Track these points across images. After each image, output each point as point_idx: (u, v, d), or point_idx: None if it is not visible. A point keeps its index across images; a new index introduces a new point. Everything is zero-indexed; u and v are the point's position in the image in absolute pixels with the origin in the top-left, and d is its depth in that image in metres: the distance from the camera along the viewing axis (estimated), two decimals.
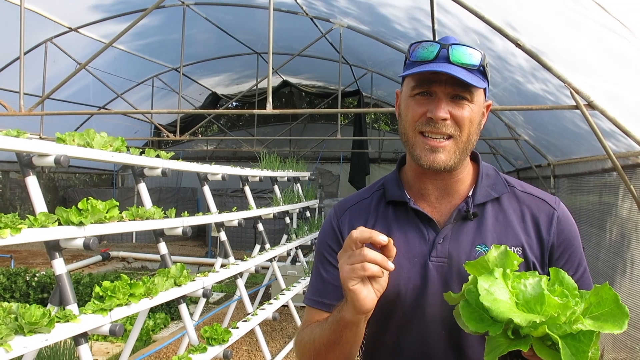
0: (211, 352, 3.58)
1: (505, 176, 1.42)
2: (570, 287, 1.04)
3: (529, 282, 1.04)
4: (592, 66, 4.02)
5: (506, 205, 1.35)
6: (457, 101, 1.26)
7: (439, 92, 1.26)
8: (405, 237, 1.35)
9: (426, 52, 1.27)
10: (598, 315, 0.99)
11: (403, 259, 1.31)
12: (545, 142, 6.85)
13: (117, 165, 14.00)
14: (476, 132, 1.31)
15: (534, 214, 1.34)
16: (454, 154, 1.28)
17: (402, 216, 1.38)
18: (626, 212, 4.29)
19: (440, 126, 1.26)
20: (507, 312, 0.97)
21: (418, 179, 1.39)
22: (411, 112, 1.30)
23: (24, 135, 2.65)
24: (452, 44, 1.27)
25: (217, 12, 8.00)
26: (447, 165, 1.28)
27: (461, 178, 1.37)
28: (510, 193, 1.37)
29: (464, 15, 4.15)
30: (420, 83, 1.28)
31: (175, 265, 3.51)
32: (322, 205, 10.62)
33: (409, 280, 1.31)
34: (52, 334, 2.40)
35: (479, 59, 1.27)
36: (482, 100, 1.32)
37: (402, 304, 1.31)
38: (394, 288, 1.29)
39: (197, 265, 9.39)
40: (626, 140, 3.92)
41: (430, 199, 1.38)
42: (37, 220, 2.55)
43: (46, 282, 6.73)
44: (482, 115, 1.33)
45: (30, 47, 7.55)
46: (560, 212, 1.35)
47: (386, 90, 12.39)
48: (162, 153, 3.79)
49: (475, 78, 1.26)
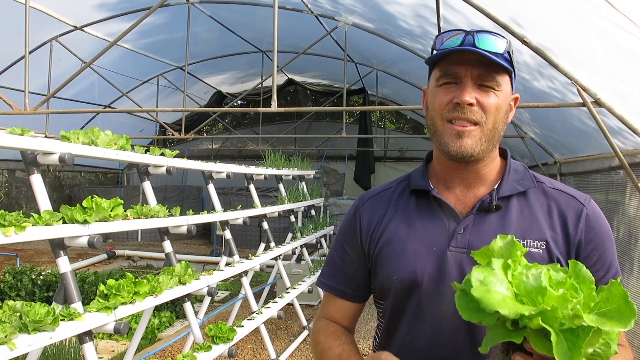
0: (216, 351, 3.58)
1: (534, 173, 1.41)
2: (587, 280, 1.01)
3: (531, 272, 1.02)
4: (599, 63, 3.99)
5: (533, 199, 1.34)
6: (484, 88, 1.26)
7: (465, 78, 1.26)
8: (425, 226, 1.35)
9: (451, 40, 1.28)
10: (605, 311, 0.96)
11: (421, 248, 1.32)
12: (551, 139, 6.82)
13: (122, 164, 14.03)
14: (503, 121, 1.30)
15: (562, 209, 1.32)
16: (480, 140, 1.27)
17: (424, 205, 1.38)
18: (633, 210, 4.26)
19: (467, 111, 1.25)
20: (495, 304, 0.95)
21: (444, 171, 1.39)
22: (438, 101, 1.30)
23: (29, 133, 2.64)
24: (477, 31, 1.27)
25: (221, 10, 7.99)
26: (474, 151, 1.27)
27: (488, 171, 1.36)
28: (537, 188, 1.36)
29: (469, 12, 4.12)
30: (446, 70, 1.29)
31: (180, 264, 3.51)
32: (327, 203, 10.63)
33: (425, 268, 1.30)
34: (57, 332, 2.40)
35: (505, 45, 1.27)
36: (508, 90, 1.31)
37: (418, 293, 1.31)
38: (410, 276, 1.30)
39: (202, 263, 9.40)
40: (634, 138, 3.89)
41: (455, 191, 1.37)
42: (41, 218, 2.54)
43: (52, 280, 6.75)
44: (508, 106, 1.33)
45: (35, 46, 7.58)
46: (590, 210, 1.32)
47: (391, 88, 12.36)
48: (166, 151, 3.78)
49: (501, 60, 1.26)
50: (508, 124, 1.34)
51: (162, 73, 10.72)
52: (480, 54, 1.23)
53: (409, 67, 9.14)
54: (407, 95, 12.19)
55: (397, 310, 1.36)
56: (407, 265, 1.27)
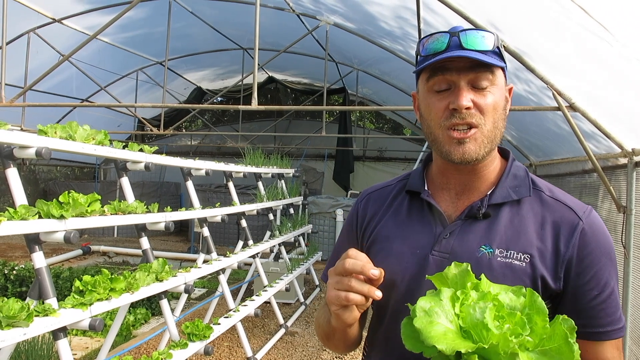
0: (192, 348, 3.58)
1: (535, 178, 1.34)
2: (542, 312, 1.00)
3: (478, 305, 1.00)
4: (575, 68, 4.07)
5: (526, 209, 1.28)
6: (478, 90, 1.22)
7: (459, 81, 1.22)
8: (413, 227, 1.34)
9: (437, 43, 1.24)
10: (546, 350, 0.96)
11: (405, 249, 1.31)
12: (527, 142, 6.93)
13: (99, 159, 13.87)
14: (502, 117, 1.26)
15: (556, 221, 1.25)
16: (482, 142, 1.23)
17: (416, 207, 1.37)
18: (606, 212, 4.36)
19: (465, 115, 1.21)
20: (434, 338, 0.95)
21: (441, 173, 1.36)
22: (434, 109, 1.25)
23: (5, 126, 2.61)
24: (462, 30, 1.23)
25: (203, 6, 7.96)
26: (478, 155, 1.23)
27: (485, 174, 1.32)
28: (533, 197, 1.30)
29: (449, 15, 4.18)
30: (435, 75, 1.24)
31: (157, 261, 3.49)
32: (306, 202, 10.64)
33: (407, 270, 1.29)
34: (31, 328, 2.38)
35: (493, 41, 1.23)
36: (503, 82, 1.27)
37: (397, 293, 1.30)
38: (391, 277, 1.29)
39: (179, 260, 9.34)
40: (606, 142, 3.98)
41: (451, 194, 1.35)
42: (17, 212, 2.52)
43: (25, 275, 6.65)
44: (505, 99, 1.28)
45: (12, 38, 7.45)
46: (588, 224, 1.24)
47: (371, 88, 12.43)
48: (145, 147, 3.76)
49: (493, 58, 1.22)
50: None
51: (142, 68, 10.63)
52: (471, 58, 1.19)
53: (389, 67, 9.21)
54: (387, 96, 12.27)
55: (380, 309, 1.36)
56: (390, 265, 1.26)
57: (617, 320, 1.23)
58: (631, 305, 3.79)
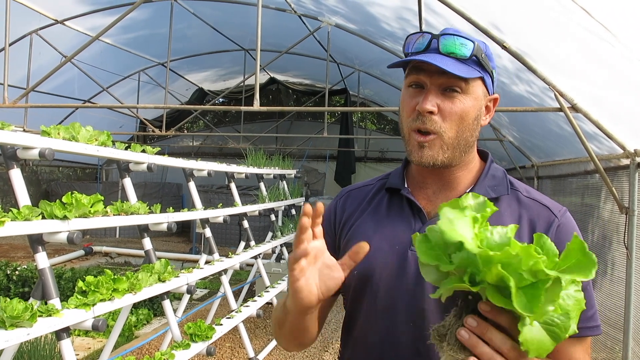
0: (194, 349, 3.58)
1: (512, 180, 1.37)
2: (551, 253, 0.96)
3: (496, 230, 0.97)
4: (576, 69, 4.07)
5: (503, 207, 1.30)
6: (448, 93, 1.23)
7: (429, 83, 1.24)
8: (392, 224, 1.34)
9: (418, 43, 1.27)
10: (565, 268, 0.93)
11: (384, 244, 1.31)
12: (529, 143, 6.93)
13: (101, 160, 13.89)
14: (471, 127, 1.27)
15: (532, 219, 1.28)
16: (442, 149, 1.25)
17: (396, 204, 1.38)
18: (608, 213, 4.36)
19: (427, 120, 1.23)
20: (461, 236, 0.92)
21: (418, 172, 1.38)
22: (406, 107, 1.29)
23: (9, 127, 2.63)
24: (443, 34, 1.25)
25: (205, 7, 7.97)
26: (435, 161, 1.26)
27: (461, 174, 1.34)
28: (511, 196, 1.33)
29: (451, 16, 4.18)
30: (411, 73, 1.27)
31: (160, 261, 3.50)
32: (307, 203, 10.63)
33: (385, 265, 1.29)
34: (34, 329, 2.38)
35: (471, 49, 1.23)
36: (479, 92, 1.27)
37: (375, 288, 1.30)
38: (368, 271, 1.29)
39: (181, 261, 9.35)
40: (608, 143, 3.98)
41: (428, 192, 1.36)
42: (20, 213, 2.53)
43: (27, 276, 6.67)
44: (480, 109, 1.28)
45: (15, 39, 7.47)
46: (563, 222, 1.28)
47: (373, 89, 12.43)
48: (148, 148, 3.78)
49: (465, 68, 1.22)
50: (487, 127, 1.32)
51: (144, 69, 10.64)
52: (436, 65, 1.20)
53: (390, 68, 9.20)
54: (389, 97, 12.27)
55: (355, 305, 1.35)
56: (368, 260, 1.22)
57: (586, 319, 1.20)
58: (634, 307, 3.79)
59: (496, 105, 1.35)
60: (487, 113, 1.33)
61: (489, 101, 1.32)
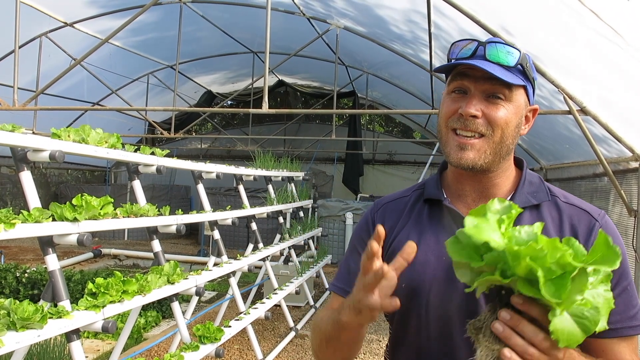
0: (203, 351, 3.59)
1: (549, 186, 1.37)
2: (579, 252, 0.99)
3: (524, 229, 1.01)
4: (585, 72, 4.06)
5: (545, 213, 1.31)
6: (492, 100, 1.25)
7: (473, 89, 1.25)
8: (436, 235, 1.33)
9: (464, 50, 1.28)
10: (592, 261, 0.96)
11: (431, 256, 1.30)
12: (538, 146, 6.90)
13: (110, 162, 13.95)
14: (512, 134, 1.28)
15: (574, 224, 1.28)
16: (484, 153, 1.26)
17: (437, 215, 1.37)
18: (617, 216, 4.33)
19: (470, 123, 1.24)
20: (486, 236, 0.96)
21: (456, 179, 1.37)
22: (445, 109, 1.29)
23: (19, 130, 2.65)
24: (490, 41, 1.26)
25: (214, 10, 8.00)
26: (475, 163, 1.26)
27: (499, 182, 1.34)
28: (551, 202, 1.33)
29: (460, 18, 4.18)
30: (454, 79, 1.28)
31: (169, 263, 3.51)
32: (315, 205, 10.64)
33: (434, 277, 1.29)
34: (45, 330, 2.40)
35: (517, 58, 1.25)
36: (522, 101, 1.28)
37: (425, 301, 1.29)
38: (418, 284, 1.29)
39: (189, 263, 9.37)
40: (617, 146, 3.96)
41: (467, 200, 1.36)
42: (31, 215, 2.54)
43: (36, 278, 6.70)
44: (521, 118, 1.30)
45: (25, 41, 7.53)
46: (603, 225, 1.28)
47: (381, 91, 12.42)
48: (157, 150, 3.79)
49: (511, 75, 1.23)
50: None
51: (153, 71, 10.69)
52: (484, 70, 1.21)
53: (399, 71, 9.20)
54: (397, 99, 12.26)
55: (405, 317, 1.34)
56: (415, 272, 1.25)
57: (628, 318, 1.21)
58: None
59: (535, 115, 1.36)
60: (527, 123, 1.34)
61: (529, 111, 1.33)
